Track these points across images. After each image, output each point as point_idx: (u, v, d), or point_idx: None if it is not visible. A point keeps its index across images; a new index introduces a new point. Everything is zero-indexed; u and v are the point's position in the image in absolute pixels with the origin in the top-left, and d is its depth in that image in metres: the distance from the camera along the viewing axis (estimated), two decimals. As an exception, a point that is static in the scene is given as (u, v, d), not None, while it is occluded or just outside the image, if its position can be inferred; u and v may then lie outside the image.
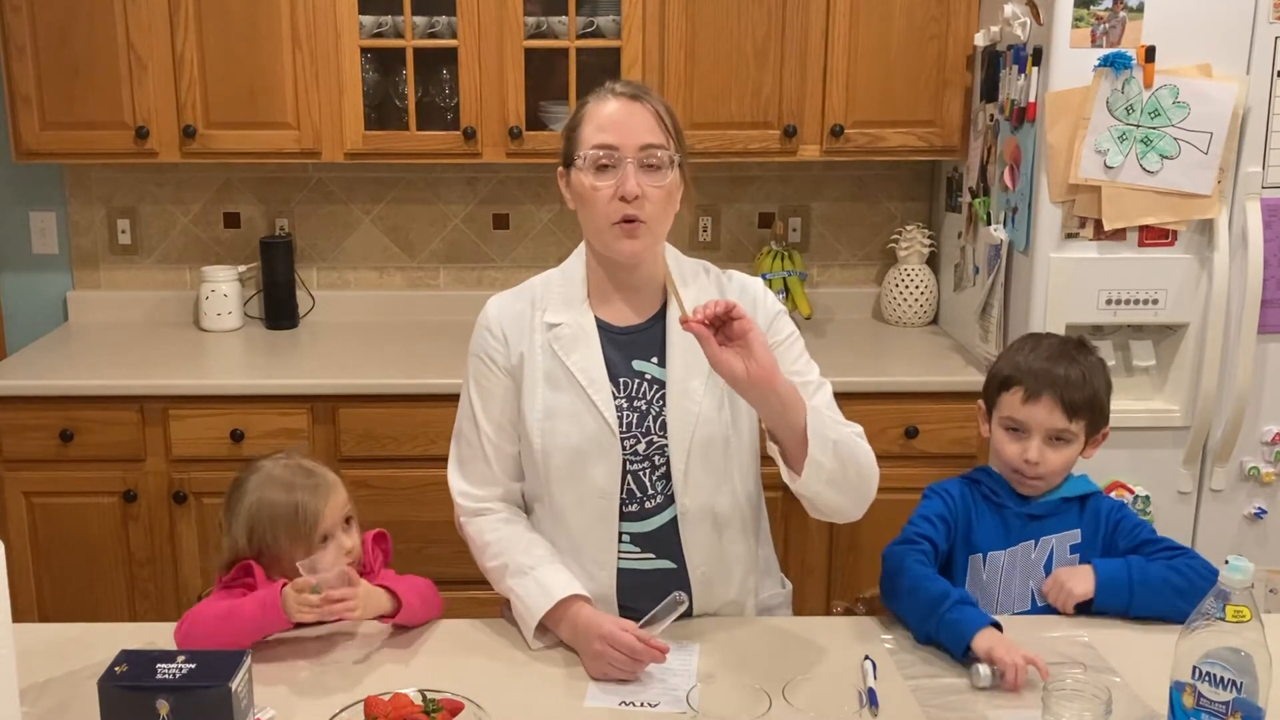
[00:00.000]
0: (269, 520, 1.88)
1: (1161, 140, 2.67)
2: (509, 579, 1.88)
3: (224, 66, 3.10)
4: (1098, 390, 2.01)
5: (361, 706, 1.57)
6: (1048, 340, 2.08)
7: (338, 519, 1.91)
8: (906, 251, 3.48)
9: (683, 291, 1.87)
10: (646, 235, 1.85)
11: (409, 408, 2.97)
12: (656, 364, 1.92)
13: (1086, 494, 2.04)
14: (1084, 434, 2.00)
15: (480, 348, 1.97)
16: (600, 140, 1.82)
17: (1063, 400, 1.97)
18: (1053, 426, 1.97)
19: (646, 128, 1.83)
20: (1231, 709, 1.46)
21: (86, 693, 1.50)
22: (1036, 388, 1.98)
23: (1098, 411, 2.01)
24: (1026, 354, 2.04)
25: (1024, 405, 1.99)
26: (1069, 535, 2.01)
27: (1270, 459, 2.85)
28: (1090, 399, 1.99)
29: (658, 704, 1.67)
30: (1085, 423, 1.99)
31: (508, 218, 3.56)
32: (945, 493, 2.09)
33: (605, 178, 1.82)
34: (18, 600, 2.59)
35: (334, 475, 1.96)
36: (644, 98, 1.85)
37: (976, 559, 2.04)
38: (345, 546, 1.90)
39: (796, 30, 3.12)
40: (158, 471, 3.00)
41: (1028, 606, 2.01)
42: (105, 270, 3.56)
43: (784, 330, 1.98)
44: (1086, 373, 2.00)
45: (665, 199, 1.85)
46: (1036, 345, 2.06)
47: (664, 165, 1.83)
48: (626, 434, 1.89)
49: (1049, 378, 1.98)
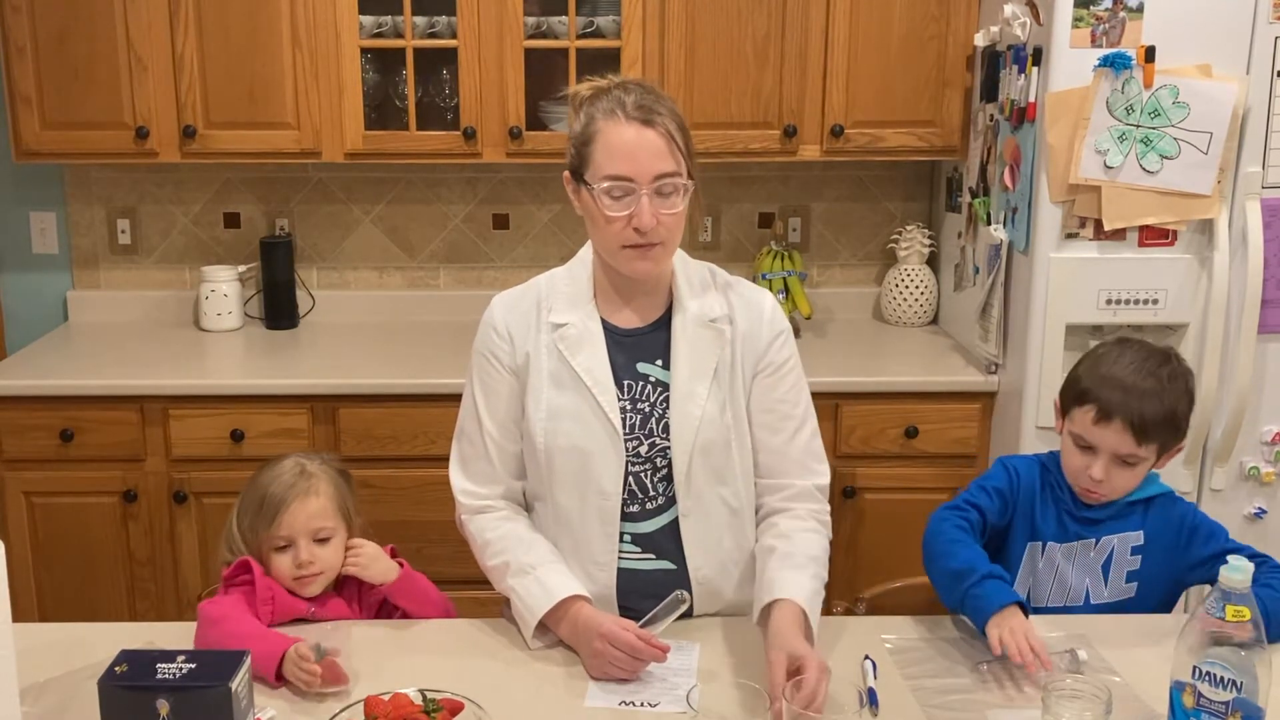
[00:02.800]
0: (245, 504, 1.94)
1: (1161, 140, 2.67)
2: (510, 578, 1.88)
3: (224, 66, 3.10)
4: (1175, 410, 1.91)
5: (361, 706, 1.57)
6: (1132, 352, 1.97)
7: (306, 526, 1.91)
8: (906, 251, 3.48)
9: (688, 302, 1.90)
10: (661, 256, 1.86)
11: (409, 408, 2.97)
12: (661, 366, 1.92)
13: (1154, 495, 1.99)
14: (1155, 455, 1.94)
15: (485, 346, 1.96)
16: (613, 171, 1.80)
17: (1134, 425, 1.88)
18: (1121, 450, 1.91)
19: (659, 155, 1.80)
20: (1231, 709, 1.46)
21: (86, 693, 1.50)
22: (1109, 410, 1.90)
23: (1172, 431, 1.93)
24: (1109, 365, 1.95)
25: (1094, 425, 1.91)
26: (1131, 536, 1.98)
27: (1270, 459, 2.85)
28: (1166, 419, 1.90)
29: (658, 704, 1.67)
30: (1157, 445, 1.92)
31: (508, 218, 3.56)
32: (1013, 469, 2.04)
33: (620, 208, 1.81)
34: (18, 600, 2.59)
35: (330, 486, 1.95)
36: (655, 121, 1.81)
37: (1035, 547, 2.00)
38: (301, 559, 1.89)
39: (796, 30, 3.12)
40: (158, 471, 3.00)
41: (1080, 603, 1.99)
42: (105, 270, 3.56)
43: (784, 354, 1.97)
44: (1167, 399, 1.90)
45: (679, 222, 1.85)
46: (1118, 356, 1.96)
47: (677, 191, 1.82)
48: (629, 435, 1.89)
49: (1123, 400, 1.89)
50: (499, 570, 1.91)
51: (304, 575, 1.90)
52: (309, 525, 1.91)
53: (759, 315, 1.96)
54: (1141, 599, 1.98)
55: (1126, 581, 1.98)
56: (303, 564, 1.90)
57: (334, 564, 1.94)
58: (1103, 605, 1.98)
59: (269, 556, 1.91)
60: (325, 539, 1.93)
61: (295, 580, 1.90)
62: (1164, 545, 1.98)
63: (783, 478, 1.97)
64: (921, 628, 1.92)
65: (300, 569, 1.90)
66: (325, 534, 1.93)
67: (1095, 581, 1.99)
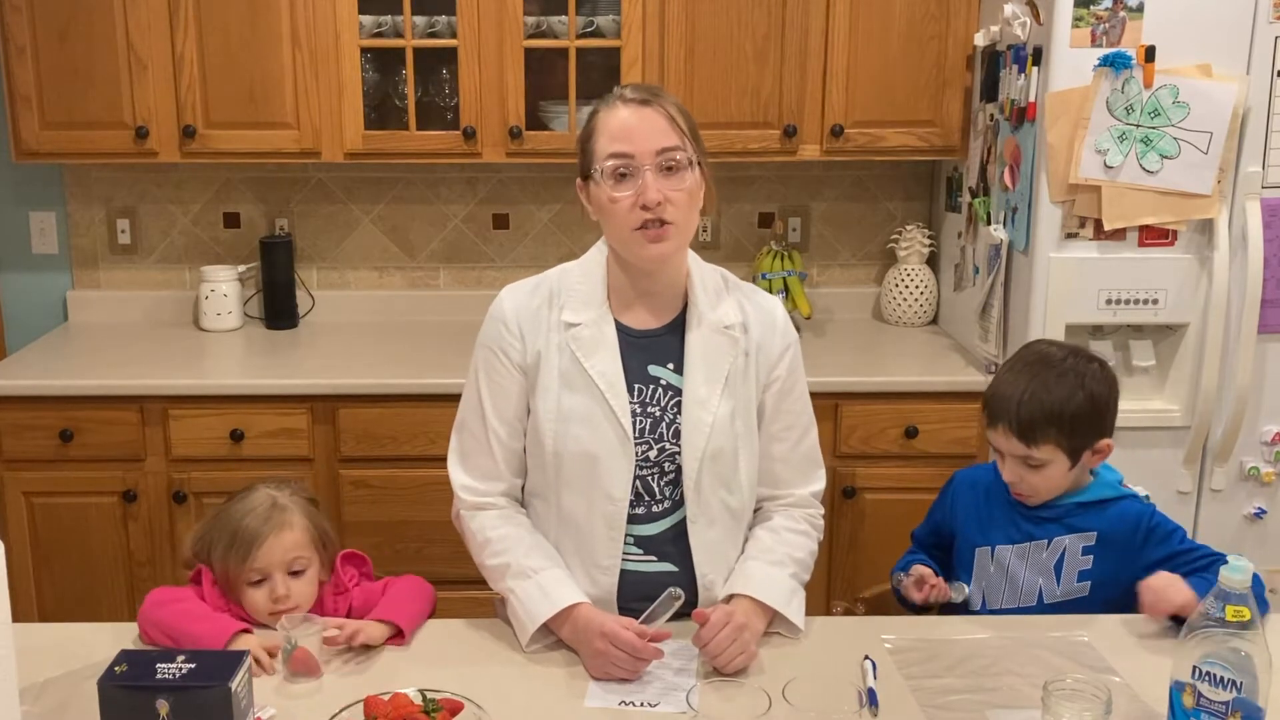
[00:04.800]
0: (216, 532, 1.93)
1: (1161, 140, 2.67)
2: (510, 579, 1.87)
3: (224, 66, 3.10)
4: (1065, 415, 1.92)
5: (361, 706, 1.57)
6: (1027, 357, 2.02)
7: (282, 559, 1.90)
8: (906, 251, 3.48)
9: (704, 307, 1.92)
10: (674, 237, 1.83)
11: (409, 408, 2.97)
12: (672, 370, 1.91)
13: (1113, 497, 2.01)
14: (1062, 454, 1.94)
15: (494, 340, 1.93)
16: (614, 150, 1.80)
17: (1016, 428, 1.93)
18: (1014, 453, 1.96)
19: (660, 131, 1.80)
20: (1231, 709, 1.46)
21: (86, 693, 1.50)
22: (994, 415, 1.97)
23: (1069, 433, 1.93)
24: (1002, 373, 2.02)
25: (988, 431, 2.00)
26: (1084, 537, 1.99)
27: (1270, 459, 2.85)
28: (1054, 425, 1.91)
29: (657, 704, 1.67)
30: (1053, 445, 1.93)
31: (508, 218, 3.56)
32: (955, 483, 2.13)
33: (624, 187, 1.80)
34: (18, 600, 2.59)
35: (302, 518, 1.94)
36: (654, 101, 1.83)
37: (984, 552, 2.03)
38: (277, 593, 1.89)
39: (796, 30, 3.12)
40: (157, 471, 3.00)
41: (1034, 603, 2.01)
42: (105, 270, 3.56)
43: (794, 366, 1.98)
44: (1051, 397, 1.92)
45: (688, 200, 1.83)
46: (1014, 363, 2.02)
47: (683, 167, 1.81)
48: (639, 439, 1.88)
49: (1003, 406, 1.95)
50: (498, 570, 1.90)
51: (279, 610, 1.88)
52: (284, 558, 1.90)
53: (772, 325, 1.96)
54: (1094, 598, 2.00)
55: (1078, 580, 2.00)
56: (279, 598, 1.88)
57: (309, 597, 1.93)
58: (1056, 605, 2.00)
59: (242, 591, 1.90)
60: (300, 571, 1.92)
61: (270, 615, 1.88)
62: (1119, 545, 1.99)
63: (784, 486, 1.99)
64: (921, 628, 1.92)
65: (276, 603, 1.88)
66: (300, 565, 1.92)
67: (1048, 581, 2.01)
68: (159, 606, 1.84)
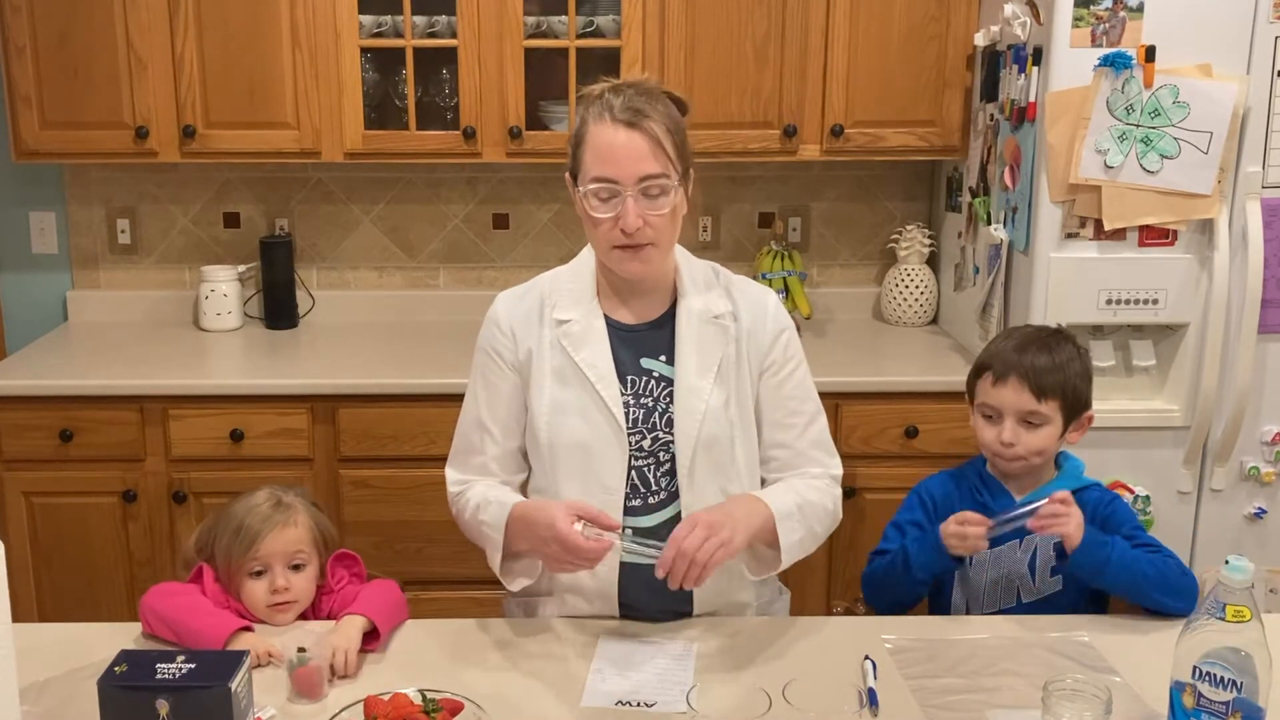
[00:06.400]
0: (220, 525, 1.95)
1: (1161, 140, 2.67)
2: (481, 514, 1.89)
3: (224, 66, 3.10)
4: (1068, 375, 2.04)
5: (361, 706, 1.57)
6: (1022, 330, 2.14)
7: (284, 552, 1.92)
8: (906, 251, 3.48)
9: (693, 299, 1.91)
10: (652, 256, 1.87)
11: (409, 408, 2.97)
12: (664, 362, 1.93)
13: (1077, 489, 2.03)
14: (1060, 416, 2.03)
15: (488, 342, 1.98)
16: (598, 173, 1.82)
17: (1029, 380, 2.01)
18: (1022, 408, 2.01)
19: (643, 158, 1.80)
20: (1231, 709, 1.46)
21: (86, 693, 1.50)
22: (1004, 370, 2.04)
23: (1070, 395, 2.04)
24: (1000, 342, 2.11)
25: (994, 388, 2.05)
26: None
27: (1270, 459, 2.85)
28: (1061, 382, 2.02)
29: (656, 704, 1.67)
30: (1058, 404, 2.02)
31: (508, 218, 3.56)
32: (926, 493, 2.17)
33: (606, 209, 1.83)
34: (18, 600, 2.59)
35: (306, 517, 1.96)
36: (640, 123, 1.80)
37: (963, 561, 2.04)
38: (277, 585, 1.90)
39: (796, 30, 3.12)
40: (157, 471, 3.00)
41: (1013, 604, 2.03)
42: (105, 270, 3.56)
43: (789, 351, 1.98)
44: (1057, 358, 2.04)
45: (669, 221, 1.85)
46: (1010, 335, 2.13)
47: (665, 192, 1.83)
48: (632, 430, 1.90)
49: (1015, 361, 2.03)
50: (473, 517, 1.92)
51: (278, 602, 1.90)
52: (286, 550, 1.92)
53: (762, 312, 1.97)
54: (1067, 592, 2.01)
55: (1051, 575, 2.02)
56: (278, 589, 1.90)
57: (307, 594, 1.94)
58: (1033, 604, 2.02)
59: (242, 583, 1.91)
60: (300, 565, 1.94)
61: (269, 608, 1.90)
62: None
63: (795, 469, 1.99)
64: (921, 628, 1.92)
65: (275, 595, 1.90)
66: (301, 560, 1.94)
67: (1024, 580, 2.03)
68: (164, 598, 1.85)
